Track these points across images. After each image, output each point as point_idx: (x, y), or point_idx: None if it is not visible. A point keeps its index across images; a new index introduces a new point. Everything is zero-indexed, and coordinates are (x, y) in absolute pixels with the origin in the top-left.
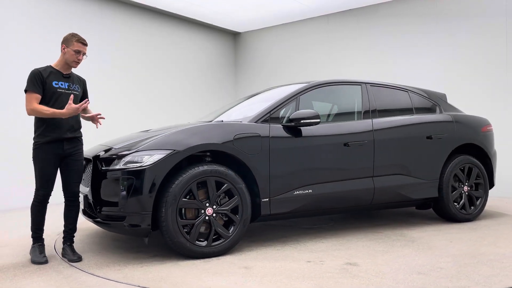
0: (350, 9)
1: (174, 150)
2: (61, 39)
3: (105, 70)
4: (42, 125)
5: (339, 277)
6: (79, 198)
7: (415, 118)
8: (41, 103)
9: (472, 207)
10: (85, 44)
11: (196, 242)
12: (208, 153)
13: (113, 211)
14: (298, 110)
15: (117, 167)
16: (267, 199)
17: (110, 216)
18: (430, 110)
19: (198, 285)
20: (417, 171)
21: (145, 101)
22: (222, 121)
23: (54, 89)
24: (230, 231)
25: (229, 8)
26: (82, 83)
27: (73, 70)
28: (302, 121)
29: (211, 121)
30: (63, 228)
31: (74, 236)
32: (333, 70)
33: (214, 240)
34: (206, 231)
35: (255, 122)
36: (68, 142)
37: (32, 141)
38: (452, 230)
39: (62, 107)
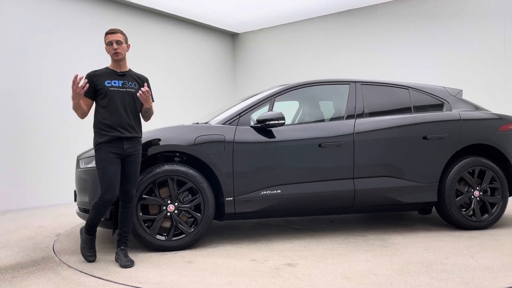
0: (348, 10)
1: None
2: (62, 40)
3: None
4: (100, 124)
5: (260, 275)
6: (134, 200)
7: (409, 117)
8: (96, 102)
9: (486, 214)
10: (114, 32)
11: (157, 236)
12: (177, 153)
13: (85, 206)
14: (271, 111)
15: (89, 166)
16: (231, 198)
17: (84, 209)
18: (435, 108)
19: (129, 275)
20: (410, 173)
21: None
22: (198, 123)
23: (106, 88)
24: (192, 227)
25: (227, 9)
26: (141, 80)
27: (133, 68)
28: (267, 122)
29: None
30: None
31: (128, 240)
32: (332, 70)
33: (177, 235)
34: (170, 227)
35: (223, 124)
36: (128, 142)
37: (93, 143)
38: (446, 237)
39: (115, 105)
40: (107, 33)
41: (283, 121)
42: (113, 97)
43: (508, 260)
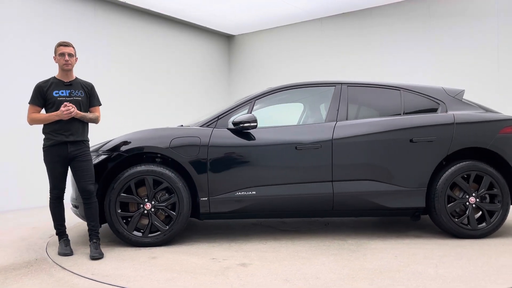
0: (343, 13)
1: (114, 152)
2: (57, 40)
3: (98, 72)
4: (47, 130)
5: (205, 274)
6: (95, 196)
7: (393, 119)
8: (46, 110)
9: (484, 223)
10: (67, 45)
11: (134, 232)
12: (158, 154)
13: (74, 202)
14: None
15: None
16: (205, 199)
17: (74, 205)
18: (429, 109)
19: (90, 267)
20: (395, 177)
21: (139, 103)
22: (182, 125)
23: (55, 98)
24: (169, 225)
25: (223, 11)
26: (87, 88)
27: (80, 76)
28: (241, 125)
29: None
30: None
31: (98, 233)
32: (327, 72)
33: (154, 232)
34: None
35: (201, 126)
36: (72, 145)
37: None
38: (429, 245)
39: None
40: (60, 45)
41: (255, 124)
42: (60, 107)
43: (473, 271)
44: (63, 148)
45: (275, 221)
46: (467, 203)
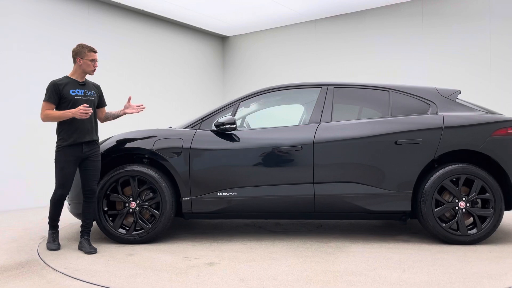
0: (337, 15)
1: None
2: (51, 40)
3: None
4: (63, 130)
5: (168, 271)
6: (96, 195)
7: (378, 121)
8: (60, 109)
9: (475, 229)
10: (96, 51)
11: (119, 230)
12: (146, 155)
13: (68, 200)
14: (234, 116)
15: None
16: (188, 198)
17: (68, 203)
18: (418, 111)
19: (67, 261)
20: (378, 180)
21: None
22: (171, 127)
23: (71, 97)
24: (152, 224)
25: (218, 12)
26: (97, 88)
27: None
28: (221, 127)
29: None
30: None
31: (90, 231)
32: (321, 74)
33: (138, 230)
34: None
35: (185, 128)
36: (87, 145)
37: (55, 145)
38: (412, 250)
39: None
40: (90, 50)
41: (234, 126)
42: (78, 105)
43: (439, 278)
44: (78, 148)
45: (269, 222)
46: (457, 208)
